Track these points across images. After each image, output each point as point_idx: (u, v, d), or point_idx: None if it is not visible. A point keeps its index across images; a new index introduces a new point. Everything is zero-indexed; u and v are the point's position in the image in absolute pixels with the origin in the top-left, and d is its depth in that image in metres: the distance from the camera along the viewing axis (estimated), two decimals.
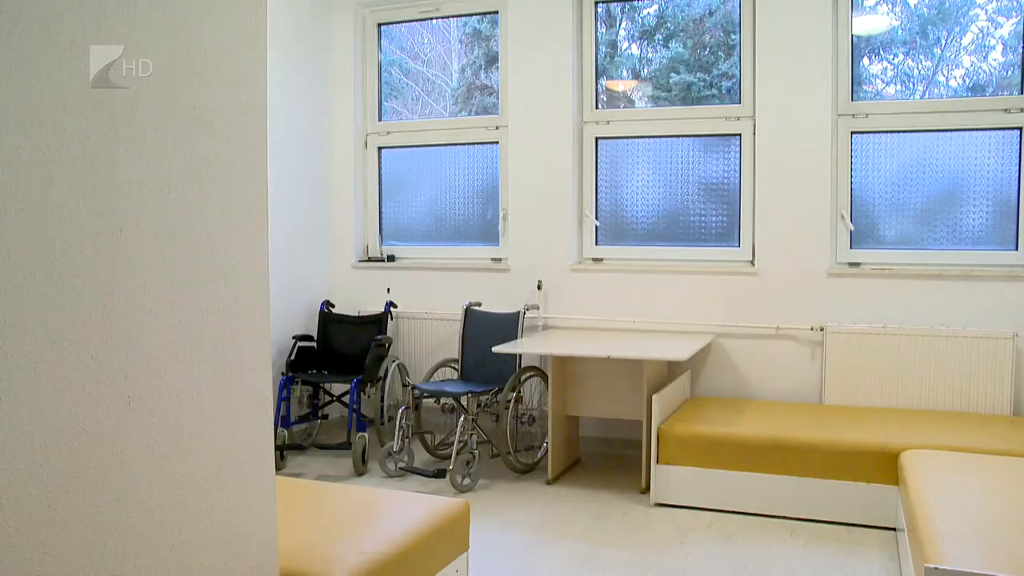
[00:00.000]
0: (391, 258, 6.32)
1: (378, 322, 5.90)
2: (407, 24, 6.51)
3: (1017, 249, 5.07)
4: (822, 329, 5.24)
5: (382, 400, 5.67)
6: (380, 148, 6.40)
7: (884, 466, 4.25)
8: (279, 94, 5.67)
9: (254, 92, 2.11)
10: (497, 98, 6.11)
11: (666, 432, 4.63)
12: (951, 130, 5.18)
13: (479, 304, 5.78)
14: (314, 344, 5.91)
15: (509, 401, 5.10)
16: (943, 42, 5.39)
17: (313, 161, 6.19)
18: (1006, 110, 5.07)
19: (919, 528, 3.20)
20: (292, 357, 5.67)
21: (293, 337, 5.77)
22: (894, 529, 4.19)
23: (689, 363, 5.36)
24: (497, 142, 6.04)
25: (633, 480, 4.99)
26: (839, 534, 4.23)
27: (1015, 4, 5.13)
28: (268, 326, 2.21)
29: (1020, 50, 5.09)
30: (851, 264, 5.31)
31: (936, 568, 2.76)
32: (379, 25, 6.41)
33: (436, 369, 5.68)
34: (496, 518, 4.48)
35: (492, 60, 6.22)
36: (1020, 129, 5.04)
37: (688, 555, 3.99)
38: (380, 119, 6.44)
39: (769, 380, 5.38)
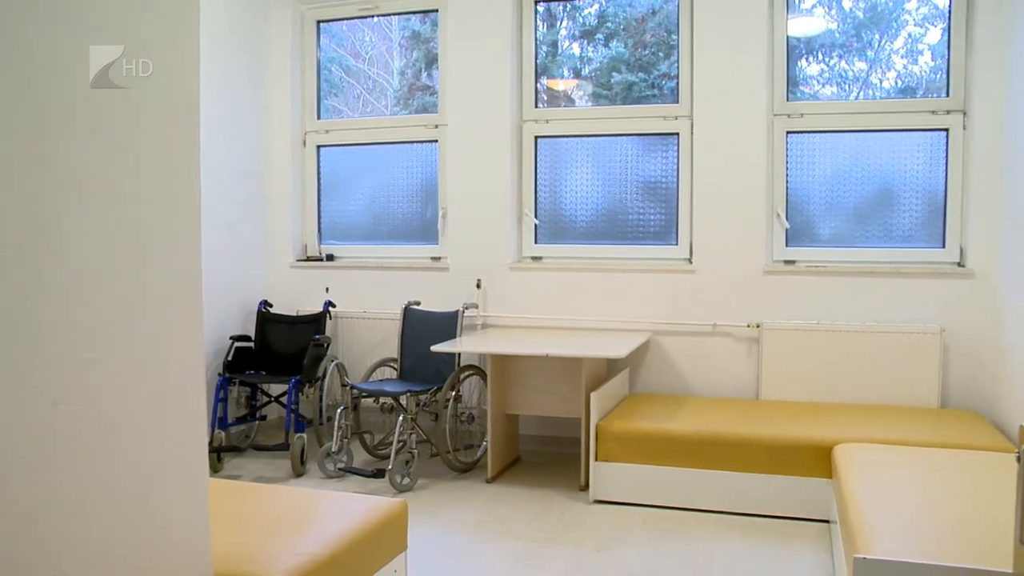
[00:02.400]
0: (330, 257, 6.27)
1: (316, 322, 5.85)
2: (348, 22, 6.45)
3: (944, 247, 5.20)
4: (758, 326, 5.32)
5: (321, 400, 5.63)
6: (319, 146, 6.35)
7: (818, 460, 4.33)
8: (214, 91, 5.59)
9: (186, 88, 2.08)
10: (437, 97, 6.09)
11: (604, 429, 4.66)
12: (883, 131, 5.30)
13: (418, 303, 5.76)
14: (252, 344, 5.83)
15: (448, 400, 5.09)
16: (876, 45, 5.51)
17: (250, 159, 6.11)
18: (933, 112, 5.19)
19: (850, 520, 3.27)
20: (229, 358, 5.59)
21: (230, 337, 5.69)
22: (828, 521, 4.27)
23: (627, 361, 5.41)
24: (436, 141, 6.03)
25: (572, 478, 5.02)
26: (775, 527, 4.30)
27: (940, 12, 5.26)
28: (201, 326, 2.18)
29: (946, 55, 5.22)
30: (787, 262, 5.40)
31: (864, 558, 2.82)
32: (318, 22, 6.35)
33: (375, 369, 5.65)
34: (435, 517, 4.47)
35: (433, 60, 6.20)
36: (947, 131, 5.17)
37: (627, 551, 4.01)
38: (319, 117, 6.38)
39: (706, 377, 5.45)
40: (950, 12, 5.19)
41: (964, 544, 2.92)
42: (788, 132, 5.39)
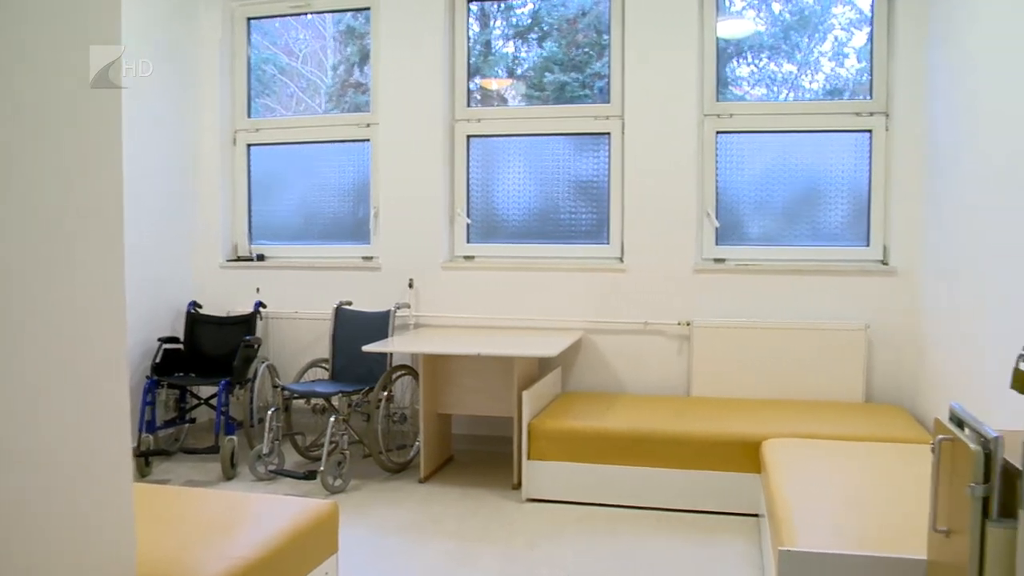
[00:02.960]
0: (260, 257, 6.19)
1: (247, 323, 5.77)
2: (281, 19, 6.37)
3: (869, 245, 5.32)
4: (689, 324, 5.39)
5: (251, 402, 5.55)
6: (249, 145, 6.26)
7: (748, 455, 4.40)
8: (140, 89, 5.48)
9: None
10: (370, 96, 6.06)
11: (537, 428, 4.68)
12: (810, 131, 5.41)
13: (350, 303, 5.72)
14: (180, 346, 5.73)
15: (380, 400, 5.07)
16: (804, 48, 5.62)
17: (178, 158, 6.00)
18: (857, 114, 5.31)
19: (776, 513, 3.33)
20: (157, 360, 5.49)
21: (158, 339, 5.58)
22: (757, 515, 4.34)
23: (560, 359, 5.44)
24: (368, 140, 5.99)
25: (505, 476, 5.03)
26: (706, 522, 4.35)
27: (865, 17, 5.39)
28: (124, 327, 2.14)
29: (870, 58, 5.35)
30: (716, 260, 5.47)
31: (788, 551, 2.88)
32: (248, 20, 6.26)
33: (306, 369, 5.59)
34: (368, 518, 4.44)
35: (366, 57, 6.15)
36: (870, 132, 5.29)
37: (559, 549, 4.03)
38: (250, 116, 6.29)
39: (638, 374, 5.50)
40: (872, 16, 5.31)
41: (885, 534, 3.00)
42: (718, 132, 5.46)
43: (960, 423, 2.52)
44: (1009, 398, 2.13)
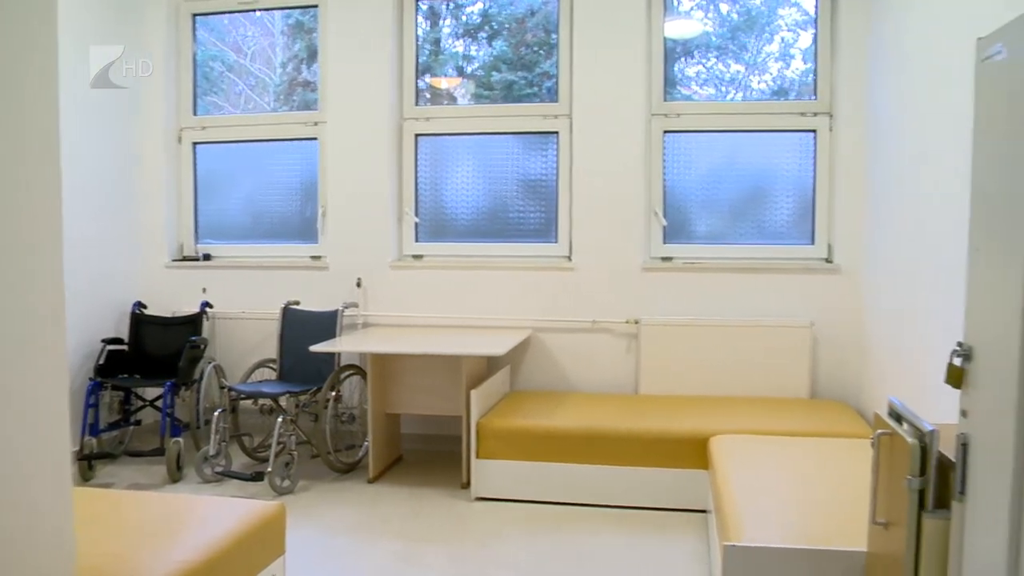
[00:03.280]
0: (207, 257, 6.11)
1: (193, 323, 5.70)
2: (229, 16, 6.29)
3: (813, 243, 5.40)
4: (637, 322, 5.43)
5: (198, 403, 5.48)
6: (195, 143, 6.18)
7: (695, 452, 4.44)
8: (81, 86, 5.38)
9: (44, 80, 2.01)
10: (318, 94, 6.01)
11: (485, 427, 4.68)
12: (756, 131, 5.47)
13: (297, 303, 5.67)
14: (125, 347, 5.64)
15: (328, 400, 5.03)
16: (751, 48, 5.68)
17: (121, 156, 5.88)
18: (802, 114, 5.39)
19: (723, 509, 3.37)
20: (101, 361, 5.40)
21: (102, 340, 5.48)
22: (705, 511, 4.38)
23: (508, 358, 5.44)
24: (316, 138, 5.94)
25: (454, 475, 5.02)
26: (655, 519, 4.38)
27: (810, 18, 5.46)
28: (63, 329, 2.11)
29: (814, 59, 5.42)
30: (664, 259, 5.51)
31: (733, 546, 2.92)
32: (194, 16, 6.17)
33: (254, 370, 5.53)
34: (316, 519, 4.41)
35: (314, 55, 6.10)
36: (814, 132, 5.37)
37: (508, 547, 4.04)
38: (195, 113, 6.20)
39: (586, 372, 5.53)
40: (816, 18, 5.39)
41: (827, 527, 3.05)
42: (665, 132, 5.50)
43: (898, 418, 2.57)
44: (947, 393, 2.18)
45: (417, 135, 5.82)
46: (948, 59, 3.66)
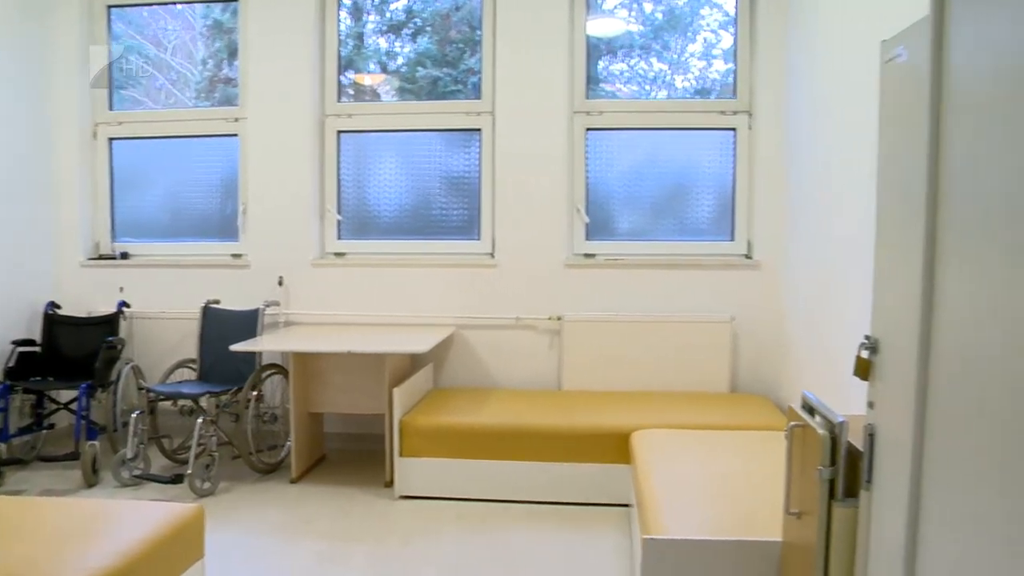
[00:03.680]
0: (124, 255, 5.97)
1: (109, 323, 5.56)
2: (149, 8, 6.14)
3: (734, 240, 5.49)
4: (559, 318, 5.46)
5: (115, 405, 5.35)
6: (111, 139, 6.03)
7: (618, 447, 4.48)
8: None
9: None
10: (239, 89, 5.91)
11: (408, 424, 4.66)
12: (677, 129, 5.53)
13: (218, 302, 5.58)
14: (37, 349, 5.49)
15: (249, 400, 4.96)
16: (674, 48, 5.75)
17: (31, 152, 5.70)
18: (722, 112, 5.47)
19: (644, 503, 3.41)
20: (11, 364, 5.25)
21: (12, 342, 5.33)
22: (628, 505, 4.43)
23: (431, 355, 5.43)
24: (236, 135, 5.85)
25: (378, 474, 4.99)
26: (579, 514, 4.41)
27: (731, 18, 5.55)
28: None
29: (734, 59, 5.51)
30: (586, 255, 5.56)
31: (652, 539, 2.96)
32: (108, 7, 6.01)
33: (173, 370, 5.42)
34: (237, 521, 4.34)
35: (236, 50, 6.00)
36: (734, 130, 5.46)
37: (432, 545, 4.03)
38: (111, 108, 6.06)
39: (510, 369, 5.54)
40: (736, 18, 5.48)
41: (745, 519, 3.11)
42: (587, 129, 5.54)
43: (811, 410, 2.63)
44: (860, 385, 2.24)
45: (339, 132, 5.77)
46: (857, 60, 3.76)
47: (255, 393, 5.05)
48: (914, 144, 1.87)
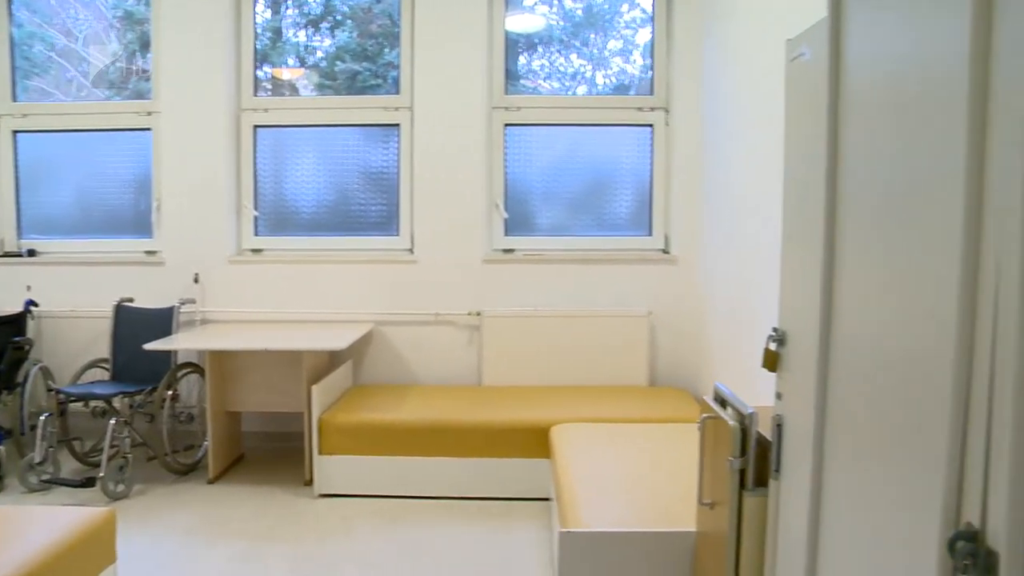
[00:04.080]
0: (31, 252, 5.78)
1: (16, 323, 5.38)
2: None
3: (651, 235, 5.56)
4: (479, 314, 5.46)
5: (22, 408, 5.19)
6: (15, 132, 5.83)
7: (538, 441, 4.51)
8: None
9: None
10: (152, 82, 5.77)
11: (327, 422, 4.62)
12: (596, 125, 5.58)
13: (131, 300, 5.45)
14: None
15: (164, 400, 4.86)
16: (593, 44, 5.78)
17: None
18: (639, 108, 5.53)
19: (563, 496, 3.44)
20: None
21: None
22: (548, 499, 4.46)
23: (351, 352, 5.39)
24: (150, 129, 5.71)
25: (297, 473, 4.94)
26: (499, 509, 4.43)
27: (647, 17, 5.61)
28: None
29: (652, 56, 5.58)
30: (505, 251, 5.57)
31: (568, 532, 2.98)
32: None
33: (84, 371, 5.28)
34: (152, 524, 4.25)
35: (149, 42, 5.84)
36: (651, 126, 5.52)
37: (351, 543, 4.00)
38: (14, 99, 5.86)
39: (430, 365, 5.53)
40: (653, 16, 5.54)
41: (662, 510, 3.16)
42: (506, 125, 5.55)
43: (723, 402, 2.68)
44: (769, 376, 2.28)
45: (256, 126, 5.67)
46: (767, 59, 3.83)
47: (170, 393, 4.95)
48: (815, 142, 1.91)
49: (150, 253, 5.69)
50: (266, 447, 5.51)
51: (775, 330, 2.25)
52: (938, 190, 1.38)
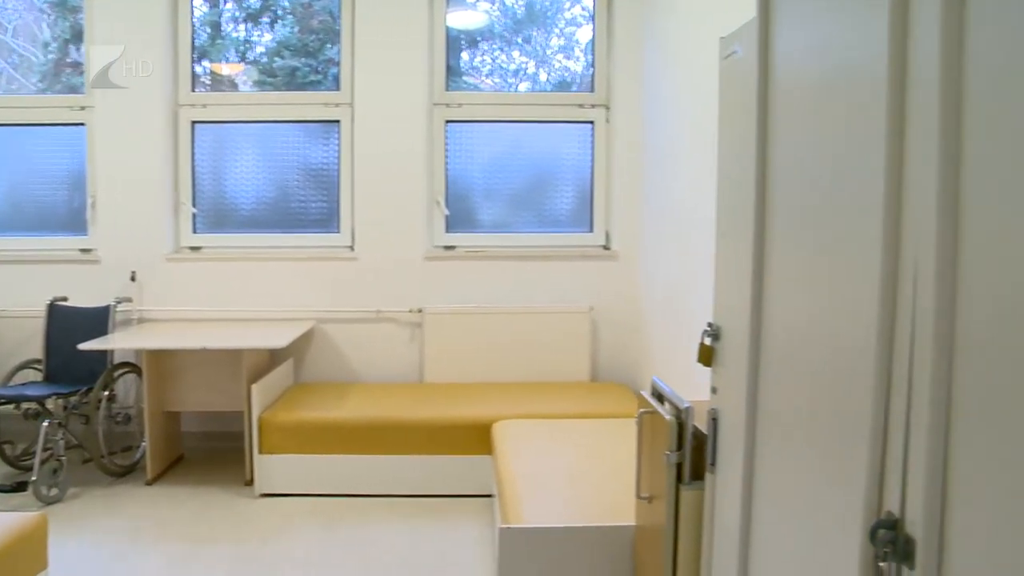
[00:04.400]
0: None
1: None
2: None
3: (592, 231, 5.59)
4: (420, 311, 5.45)
5: None
6: None
7: (480, 438, 4.52)
8: None
9: None
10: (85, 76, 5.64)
11: (268, 421, 4.57)
12: (537, 122, 5.60)
13: (65, 299, 5.34)
14: None
15: (100, 401, 4.77)
16: (535, 41, 5.80)
17: None
18: (581, 105, 5.56)
19: (504, 492, 3.45)
20: None
21: None
22: (491, 496, 4.46)
23: (291, 350, 5.34)
24: (84, 123, 5.59)
25: (238, 473, 4.88)
26: (442, 506, 4.43)
27: (587, 15, 5.64)
28: None
29: (593, 53, 5.61)
30: (447, 248, 5.56)
31: (508, 528, 2.99)
32: None
33: (16, 372, 5.14)
34: (88, 528, 4.17)
35: (82, 33, 5.71)
36: (592, 123, 5.55)
37: (293, 543, 3.98)
38: None
39: (371, 362, 5.51)
40: (594, 13, 5.57)
41: (602, 505, 3.18)
42: (447, 121, 5.54)
43: (660, 397, 2.70)
44: (708, 371, 2.31)
45: (194, 122, 5.59)
46: (705, 56, 3.87)
47: (106, 393, 4.87)
48: (746, 139, 1.93)
49: (85, 251, 5.57)
50: (206, 447, 5.44)
51: (710, 325, 2.28)
52: (860, 187, 1.40)
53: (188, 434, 5.41)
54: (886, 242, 1.31)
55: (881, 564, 1.30)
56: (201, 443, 5.46)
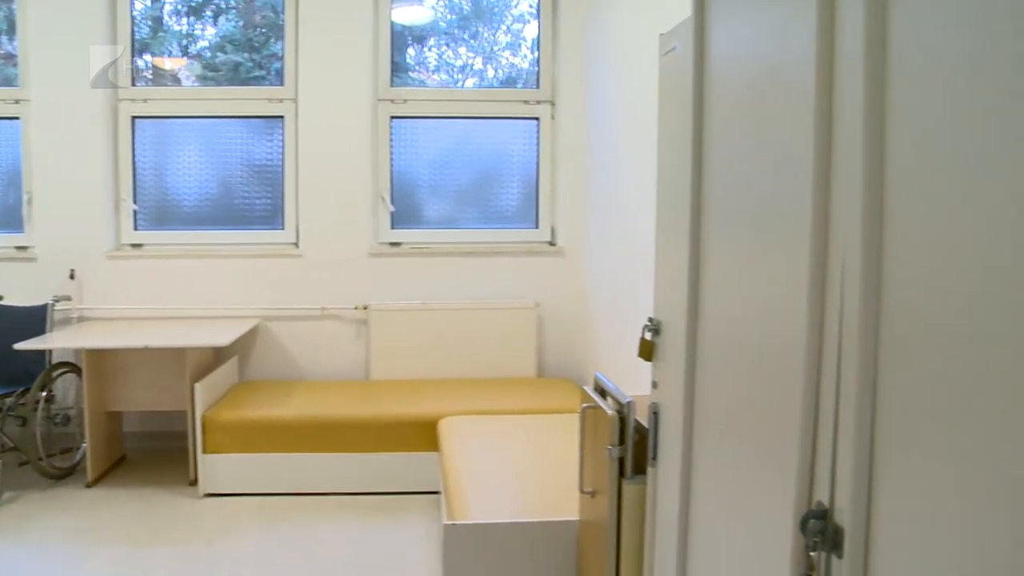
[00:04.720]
0: None
1: None
2: None
3: (538, 227, 5.61)
4: (365, 307, 5.43)
5: None
6: None
7: (427, 435, 4.52)
8: None
9: None
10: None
11: (211, 420, 4.53)
12: (483, 118, 5.60)
13: (1, 297, 5.23)
14: None
15: (38, 402, 4.68)
16: (482, 37, 5.80)
17: None
18: (526, 102, 5.57)
19: (450, 489, 3.46)
20: None
21: None
22: (438, 493, 4.47)
23: (235, 348, 5.29)
24: (19, 118, 5.47)
25: (181, 473, 4.83)
26: (389, 504, 4.43)
27: (533, 11, 5.65)
28: None
29: (538, 49, 5.62)
30: (392, 244, 5.55)
31: (452, 524, 3.00)
32: None
33: None
34: (26, 532, 4.09)
35: (15, 24, 5.59)
36: (538, 120, 5.57)
37: (238, 543, 3.95)
38: None
39: (316, 360, 5.48)
40: (539, 10, 5.59)
41: (547, 500, 3.21)
42: (392, 117, 5.52)
43: (603, 392, 2.72)
44: (649, 366, 2.33)
45: (134, 117, 5.50)
46: (645, 53, 3.91)
47: (44, 394, 4.77)
48: (683, 135, 1.96)
49: (21, 248, 5.45)
50: (148, 447, 5.37)
51: (650, 320, 2.30)
52: (790, 187, 1.43)
53: (130, 434, 5.34)
54: (814, 242, 1.34)
55: (812, 554, 1.33)
56: (143, 443, 5.39)
